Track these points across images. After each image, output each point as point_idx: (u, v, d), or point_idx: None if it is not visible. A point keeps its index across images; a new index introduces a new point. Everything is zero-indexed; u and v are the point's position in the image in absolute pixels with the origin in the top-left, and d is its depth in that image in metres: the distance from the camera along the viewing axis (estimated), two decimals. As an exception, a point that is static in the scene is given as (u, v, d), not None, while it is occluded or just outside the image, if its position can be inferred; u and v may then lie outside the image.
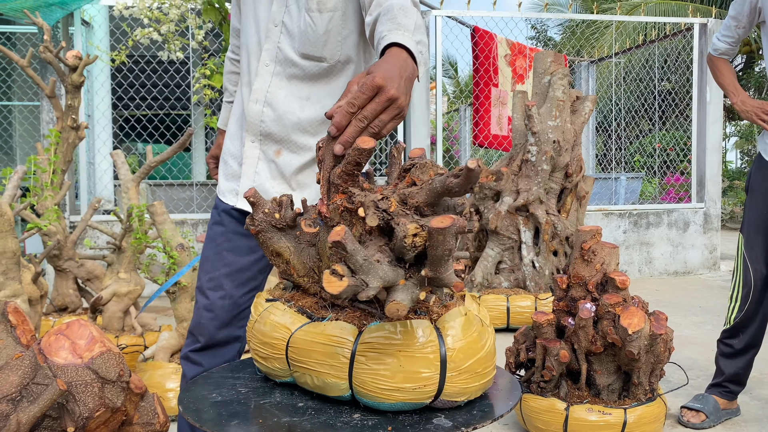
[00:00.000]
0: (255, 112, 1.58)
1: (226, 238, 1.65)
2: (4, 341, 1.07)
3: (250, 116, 1.59)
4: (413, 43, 1.21)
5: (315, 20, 1.51)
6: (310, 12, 1.50)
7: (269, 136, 1.59)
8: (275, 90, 1.57)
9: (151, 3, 4.24)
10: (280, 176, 1.60)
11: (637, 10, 11.67)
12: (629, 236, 6.22)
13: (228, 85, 1.88)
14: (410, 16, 1.32)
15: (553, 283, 2.31)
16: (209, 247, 1.69)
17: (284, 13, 1.54)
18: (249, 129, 1.60)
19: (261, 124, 1.58)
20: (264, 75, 1.57)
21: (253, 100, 1.58)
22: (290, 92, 1.57)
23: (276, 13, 1.54)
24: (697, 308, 4.76)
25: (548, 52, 4.35)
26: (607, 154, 8.51)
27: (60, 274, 3.30)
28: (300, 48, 1.53)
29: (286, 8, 1.53)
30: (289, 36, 1.54)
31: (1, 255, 1.64)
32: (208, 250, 1.69)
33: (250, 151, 1.61)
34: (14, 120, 8.87)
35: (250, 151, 1.61)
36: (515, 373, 2.40)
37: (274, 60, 1.56)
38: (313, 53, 1.53)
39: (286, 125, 1.57)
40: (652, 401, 2.21)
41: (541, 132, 4.16)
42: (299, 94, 1.57)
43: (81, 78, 2.98)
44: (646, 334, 2.07)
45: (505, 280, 4.25)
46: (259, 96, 1.57)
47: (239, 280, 1.63)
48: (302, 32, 1.52)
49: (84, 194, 5.45)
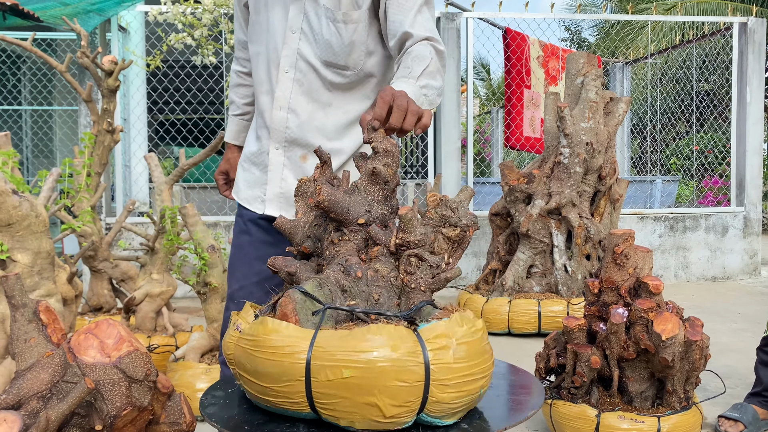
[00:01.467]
0: (279, 118, 1.59)
1: (254, 248, 1.68)
2: (36, 339, 1.09)
3: (275, 123, 1.60)
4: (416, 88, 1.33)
5: (341, 30, 1.54)
6: (335, 22, 1.53)
7: (294, 141, 1.61)
8: (297, 96, 1.58)
9: (185, 8, 4.31)
10: None
11: (674, 10, 11.45)
12: (665, 240, 6.09)
13: (235, 98, 1.86)
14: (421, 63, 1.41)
15: (584, 288, 2.28)
16: (237, 256, 1.72)
17: (302, 20, 1.55)
18: (273, 136, 1.61)
19: (286, 131, 1.60)
20: (285, 82, 1.58)
21: (277, 107, 1.59)
22: (312, 98, 1.58)
23: (293, 20, 1.56)
24: (736, 315, 4.63)
25: (581, 53, 4.29)
26: (643, 156, 8.35)
27: (95, 274, 3.37)
28: (323, 55, 1.55)
29: (304, 15, 1.55)
30: (309, 43, 1.56)
31: (36, 255, 1.68)
32: (236, 259, 1.72)
33: (276, 158, 1.63)
34: (54, 124, 9.11)
35: (276, 158, 1.63)
36: (545, 379, 2.36)
37: (293, 67, 1.57)
38: (336, 61, 1.56)
39: (311, 131, 1.59)
40: (687, 410, 2.15)
41: (574, 134, 4.10)
42: (321, 99, 1.59)
43: (116, 82, 3.04)
44: (681, 340, 2.02)
45: (536, 285, 4.20)
46: (282, 103, 1.59)
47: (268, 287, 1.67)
48: (326, 41, 1.54)
49: (120, 196, 5.56)
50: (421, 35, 1.49)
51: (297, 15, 1.55)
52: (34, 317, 1.11)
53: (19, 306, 1.10)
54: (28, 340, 1.08)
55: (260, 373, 1.04)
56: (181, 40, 4.45)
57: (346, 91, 1.60)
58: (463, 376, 1.00)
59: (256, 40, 1.65)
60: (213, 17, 4.29)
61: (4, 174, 1.64)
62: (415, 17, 1.52)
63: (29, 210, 1.66)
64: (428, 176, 5.98)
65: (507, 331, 4.03)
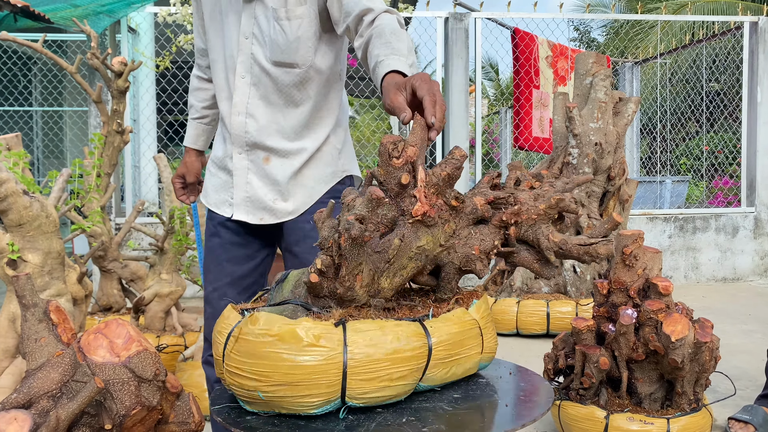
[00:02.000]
0: (238, 123, 1.63)
1: (224, 249, 1.72)
2: (46, 339, 1.10)
3: (234, 128, 1.63)
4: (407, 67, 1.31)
5: (284, 28, 1.56)
6: (279, 20, 1.56)
7: (255, 145, 1.64)
8: (254, 100, 1.61)
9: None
10: (271, 183, 1.64)
11: (683, 10, 11.38)
12: (675, 241, 6.06)
13: (194, 102, 1.88)
14: (402, 40, 1.39)
15: (593, 289, 2.27)
16: (209, 258, 1.75)
17: (253, 24, 1.59)
18: (235, 141, 1.65)
19: (246, 135, 1.63)
20: (242, 87, 1.61)
21: (236, 112, 1.63)
22: (268, 101, 1.61)
23: (245, 26, 1.59)
24: (747, 316, 4.60)
25: (590, 53, 4.27)
26: (652, 156, 8.31)
27: (105, 274, 3.39)
28: (272, 56, 1.58)
29: (254, 20, 1.58)
30: (261, 46, 1.59)
31: (47, 255, 1.69)
32: (209, 261, 1.76)
33: (239, 163, 1.66)
34: (65, 125, 9.18)
35: (239, 162, 1.66)
36: (554, 380, 2.36)
37: (249, 71, 1.60)
38: (284, 60, 1.58)
39: (270, 133, 1.62)
40: (697, 411, 2.14)
41: (583, 134, 4.09)
42: (277, 102, 1.62)
43: (126, 83, 3.05)
44: (691, 341, 2.01)
45: (545, 285, 4.19)
46: (240, 108, 1.62)
47: (241, 286, 1.72)
48: (272, 40, 1.57)
49: (129, 197, 5.59)
50: (381, 8, 1.48)
51: (248, 20, 1.59)
52: (44, 317, 1.12)
53: (30, 306, 1.11)
54: (39, 340, 1.09)
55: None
56: (190, 41, 4.47)
57: (298, 90, 1.62)
58: (234, 368, 1.07)
59: (213, 48, 1.68)
60: (222, 18, 4.30)
61: (15, 174, 1.66)
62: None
63: (40, 210, 1.68)
64: (436, 177, 5.97)
65: (515, 331, 4.02)
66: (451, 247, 1.16)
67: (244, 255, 1.71)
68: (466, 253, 1.15)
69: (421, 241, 1.11)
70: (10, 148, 2.00)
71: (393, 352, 1.05)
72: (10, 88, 8.65)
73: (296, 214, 1.65)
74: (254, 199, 1.65)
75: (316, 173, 1.66)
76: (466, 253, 1.15)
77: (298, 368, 1.02)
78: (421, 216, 1.09)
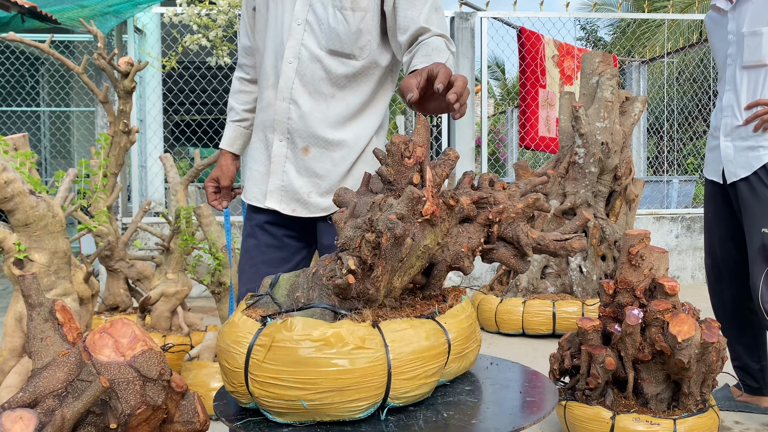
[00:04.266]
0: (282, 109, 1.61)
1: (260, 251, 1.71)
2: (52, 338, 1.10)
3: (278, 114, 1.62)
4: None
5: (347, 18, 1.56)
6: (342, 10, 1.55)
7: (296, 132, 1.62)
8: (299, 87, 1.60)
9: (200, 10, 4.34)
10: (308, 175, 1.62)
11: (691, 8, 11.33)
12: (682, 241, 6.03)
13: (235, 104, 1.83)
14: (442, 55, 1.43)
15: (599, 289, 2.26)
16: (245, 259, 1.74)
17: (308, 11, 1.58)
18: (277, 128, 1.63)
19: (288, 122, 1.61)
20: (287, 72, 1.59)
21: (280, 98, 1.61)
22: (314, 89, 1.59)
23: (299, 12, 1.58)
24: (754, 316, 4.57)
25: (596, 52, 4.26)
26: (659, 156, 8.27)
27: (111, 274, 3.40)
28: (328, 44, 1.57)
29: (310, 7, 1.58)
30: (313, 33, 1.58)
31: (53, 255, 1.70)
32: (244, 262, 1.74)
33: (278, 150, 1.63)
34: (72, 125, 9.22)
35: (278, 150, 1.63)
36: (559, 380, 2.35)
37: (297, 57, 1.59)
38: (342, 50, 1.57)
39: (312, 122, 1.60)
40: (703, 412, 2.13)
41: (589, 133, 4.07)
42: (323, 91, 1.60)
43: (132, 84, 3.06)
44: (697, 342, 2.00)
45: (551, 285, 4.17)
46: (284, 94, 1.60)
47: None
48: (332, 29, 1.56)
49: (136, 197, 5.61)
50: (437, 32, 1.51)
51: (303, 7, 1.58)
52: (50, 316, 1.12)
53: (36, 305, 1.12)
54: (45, 339, 1.09)
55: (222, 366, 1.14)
56: (196, 42, 4.48)
57: (350, 82, 1.61)
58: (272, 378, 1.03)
59: (262, 36, 1.67)
60: (228, 18, 4.31)
61: (21, 174, 1.66)
62: (429, 14, 1.54)
63: (46, 210, 1.68)
64: (442, 176, 5.97)
65: (521, 331, 4.01)
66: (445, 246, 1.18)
67: (279, 258, 1.70)
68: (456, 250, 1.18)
69: (426, 239, 1.13)
70: (17, 148, 2.01)
71: (426, 349, 1.07)
72: (17, 89, 8.69)
73: (329, 212, 1.63)
74: (289, 189, 1.63)
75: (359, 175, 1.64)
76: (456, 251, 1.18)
77: (348, 372, 1.00)
78: (430, 215, 1.11)
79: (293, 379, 1.01)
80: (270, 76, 1.64)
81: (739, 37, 2.51)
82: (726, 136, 2.58)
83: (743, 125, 2.52)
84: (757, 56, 2.47)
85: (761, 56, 2.46)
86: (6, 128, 8.96)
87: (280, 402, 1.03)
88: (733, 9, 2.54)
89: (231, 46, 4.57)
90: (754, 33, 2.46)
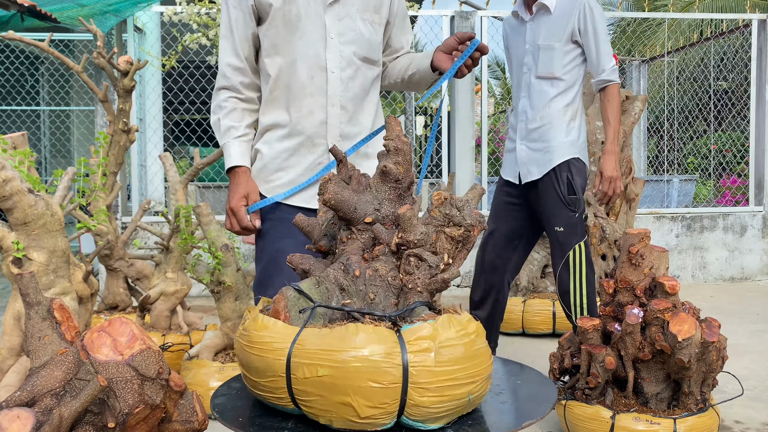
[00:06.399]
0: (334, 115, 1.77)
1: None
2: (50, 337, 1.10)
3: (331, 118, 1.76)
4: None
5: (377, 31, 1.83)
6: (373, 24, 1.82)
7: (345, 136, 1.78)
8: (345, 93, 1.78)
9: (200, 8, 4.34)
10: None
11: (691, 7, 11.32)
12: (682, 240, 6.02)
13: (233, 123, 1.80)
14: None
15: (600, 288, 2.25)
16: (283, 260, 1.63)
17: (338, 24, 1.77)
18: (330, 133, 1.77)
19: (341, 126, 1.77)
20: (333, 81, 1.77)
21: (330, 104, 1.77)
22: (354, 93, 1.80)
23: (331, 26, 1.76)
24: (755, 316, 4.57)
25: (597, 51, 4.24)
26: (659, 155, 8.27)
27: (111, 273, 3.39)
28: (362, 53, 1.79)
29: (338, 21, 1.77)
30: (349, 44, 1.78)
31: (52, 254, 1.69)
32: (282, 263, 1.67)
33: None
34: (72, 124, 9.22)
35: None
36: (559, 380, 2.34)
37: (338, 66, 1.77)
38: (371, 56, 1.82)
39: (355, 124, 1.81)
40: (703, 412, 2.12)
41: (589, 133, 4.07)
42: (361, 95, 1.82)
43: (132, 83, 3.06)
44: (697, 341, 1.99)
45: (551, 284, 4.17)
46: (334, 100, 1.77)
47: None
48: (366, 39, 1.80)
49: (135, 196, 5.60)
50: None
51: (333, 21, 1.76)
52: (48, 315, 1.12)
53: (34, 303, 1.11)
54: (42, 338, 1.09)
55: (251, 367, 1.07)
56: (196, 40, 4.48)
57: (372, 85, 1.85)
58: (446, 380, 0.98)
59: (291, 51, 1.76)
60: (227, 17, 4.30)
61: (20, 173, 1.66)
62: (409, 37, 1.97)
63: (45, 209, 1.68)
64: (442, 175, 5.97)
65: (521, 331, 4.01)
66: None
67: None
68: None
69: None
70: (16, 147, 2.01)
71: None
72: (17, 88, 8.69)
73: None
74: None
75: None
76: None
77: (489, 358, 1.08)
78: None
79: (465, 375, 1.00)
80: (308, 86, 1.76)
81: (535, 48, 2.70)
82: (522, 139, 2.76)
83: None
84: (549, 69, 2.68)
85: (553, 69, 2.67)
86: (6, 127, 8.96)
87: (450, 404, 0.99)
88: (532, 20, 2.72)
89: (231, 45, 4.55)
90: (549, 47, 2.65)
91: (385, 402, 0.96)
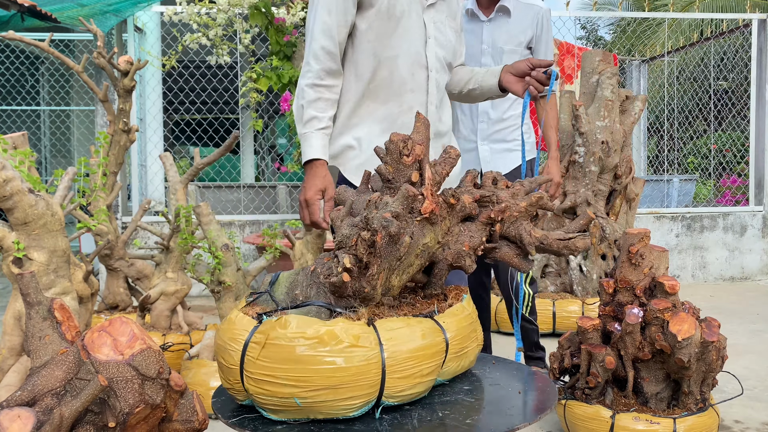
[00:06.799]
0: (432, 113, 1.84)
1: None
2: (50, 337, 1.10)
3: (430, 116, 1.84)
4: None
5: (458, 39, 1.93)
6: (456, 31, 1.92)
7: (438, 134, 1.84)
8: (437, 92, 1.86)
9: (200, 8, 4.34)
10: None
11: (691, 7, 11.32)
12: (682, 240, 6.02)
13: (317, 113, 1.76)
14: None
15: (599, 288, 2.25)
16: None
17: (432, 27, 1.84)
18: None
19: (438, 124, 1.84)
20: (432, 80, 1.84)
21: (430, 102, 1.83)
22: (442, 95, 1.89)
23: (429, 28, 1.83)
24: (755, 315, 4.57)
25: (596, 51, 4.25)
26: (660, 155, 8.27)
27: (111, 273, 3.40)
28: (447, 57, 1.88)
29: (433, 24, 1.85)
30: (439, 47, 1.86)
31: (52, 253, 1.70)
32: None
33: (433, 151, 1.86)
34: (72, 124, 9.22)
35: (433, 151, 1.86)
36: (559, 379, 2.35)
37: (434, 68, 1.84)
38: (453, 63, 1.94)
39: (445, 122, 1.89)
40: (703, 411, 2.12)
41: (589, 132, 4.07)
42: (443, 96, 1.90)
43: (132, 82, 3.06)
44: (697, 341, 1.99)
45: (551, 284, 4.17)
46: (433, 99, 1.84)
47: None
48: (452, 45, 1.89)
49: (136, 196, 5.60)
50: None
51: (429, 23, 1.83)
52: (48, 315, 1.12)
53: (34, 303, 1.11)
54: (43, 338, 1.09)
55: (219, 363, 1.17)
56: (196, 40, 4.48)
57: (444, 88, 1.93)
58: (268, 376, 1.04)
59: (393, 45, 1.79)
60: (227, 17, 4.31)
61: (20, 173, 1.66)
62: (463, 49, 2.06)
63: (45, 209, 1.68)
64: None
65: (521, 330, 4.01)
66: (446, 244, 1.17)
67: None
68: (457, 249, 1.17)
69: (426, 238, 1.12)
70: (16, 147, 2.01)
71: (422, 348, 1.06)
72: (17, 88, 8.69)
73: None
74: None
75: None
76: (457, 250, 1.17)
77: (341, 370, 1.00)
78: (429, 214, 1.10)
79: (287, 377, 1.01)
80: (407, 82, 1.80)
81: (496, 51, 2.75)
82: (483, 140, 2.83)
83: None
84: None
85: None
86: (6, 127, 8.96)
87: (275, 399, 1.03)
88: (490, 22, 2.75)
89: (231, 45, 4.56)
90: (513, 51, 2.72)
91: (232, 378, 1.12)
